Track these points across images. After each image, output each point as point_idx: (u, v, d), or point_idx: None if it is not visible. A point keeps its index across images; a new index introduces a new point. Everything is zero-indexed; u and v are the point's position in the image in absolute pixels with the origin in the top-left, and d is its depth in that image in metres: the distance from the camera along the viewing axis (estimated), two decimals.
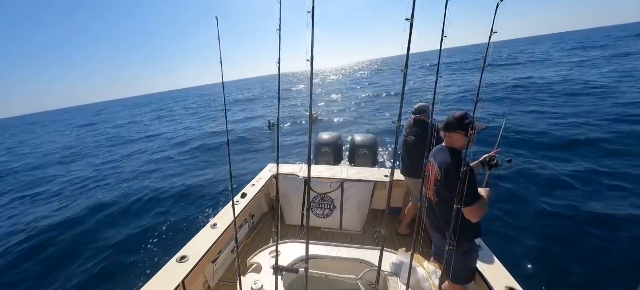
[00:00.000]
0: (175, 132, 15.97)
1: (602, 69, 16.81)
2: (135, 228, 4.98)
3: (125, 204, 6.08)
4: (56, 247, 4.62)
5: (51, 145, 19.25)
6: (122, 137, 17.39)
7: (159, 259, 4.00)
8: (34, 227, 5.37)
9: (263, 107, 23.40)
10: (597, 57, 23.40)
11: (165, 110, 36.86)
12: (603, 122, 7.85)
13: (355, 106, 17.65)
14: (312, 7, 0.82)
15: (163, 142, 13.61)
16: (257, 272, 2.07)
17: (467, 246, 1.84)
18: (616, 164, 5.59)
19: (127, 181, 7.81)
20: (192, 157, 9.69)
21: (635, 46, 27.29)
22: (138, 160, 10.44)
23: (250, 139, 11.19)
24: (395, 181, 3.74)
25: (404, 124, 3.34)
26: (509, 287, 1.88)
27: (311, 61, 0.87)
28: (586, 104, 9.81)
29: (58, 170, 10.67)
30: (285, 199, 3.55)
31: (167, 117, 26.66)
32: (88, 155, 13.04)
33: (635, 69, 14.96)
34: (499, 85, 15.54)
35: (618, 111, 8.52)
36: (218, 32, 1.14)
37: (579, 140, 6.88)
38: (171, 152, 11.11)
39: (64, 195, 7.43)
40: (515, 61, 29.10)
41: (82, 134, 24.05)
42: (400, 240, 3.28)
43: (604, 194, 4.81)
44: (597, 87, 12.00)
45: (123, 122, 28.92)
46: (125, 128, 22.72)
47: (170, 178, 7.65)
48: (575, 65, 20.01)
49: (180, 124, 19.94)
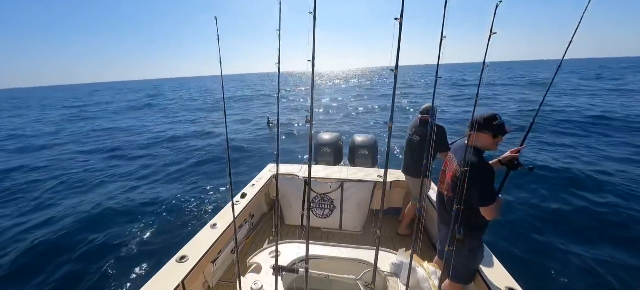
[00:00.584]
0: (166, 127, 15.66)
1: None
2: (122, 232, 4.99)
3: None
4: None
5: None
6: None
7: (158, 259, 4.00)
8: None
9: (263, 105, 23.23)
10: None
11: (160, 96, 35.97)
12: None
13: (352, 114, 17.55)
14: (314, 7, 0.82)
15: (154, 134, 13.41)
16: (257, 272, 2.07)
17: (475, 243, 1.84)
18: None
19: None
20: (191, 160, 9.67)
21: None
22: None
23: (249, 148, 10.33)
24: (395, 181, 3.76)
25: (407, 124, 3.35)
26: (509, 288, 1.88)
27: (312, 61, 0.87)
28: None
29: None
30: (285, 199, 3.55)
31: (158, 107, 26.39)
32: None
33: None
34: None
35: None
36: (217, 32, 1.14)
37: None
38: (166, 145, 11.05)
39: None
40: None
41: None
42: (401, 241, 3.28)
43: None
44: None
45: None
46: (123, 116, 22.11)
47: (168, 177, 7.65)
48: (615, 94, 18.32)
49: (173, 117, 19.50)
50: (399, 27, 0.70)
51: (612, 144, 8.30)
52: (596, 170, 6.20)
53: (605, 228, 4.27)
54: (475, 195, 1.62)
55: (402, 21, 0.70)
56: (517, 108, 14.90)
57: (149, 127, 15.59)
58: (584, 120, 11.12)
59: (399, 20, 0.70)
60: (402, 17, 0.69)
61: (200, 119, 17.56)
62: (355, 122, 14.75)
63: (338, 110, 19.21)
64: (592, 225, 4.35)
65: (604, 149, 7.79)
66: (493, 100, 18.59)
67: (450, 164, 1.88)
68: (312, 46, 0.84)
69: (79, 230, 5.05)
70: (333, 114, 17.79)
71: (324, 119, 16.41)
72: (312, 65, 0.89)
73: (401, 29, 0.71)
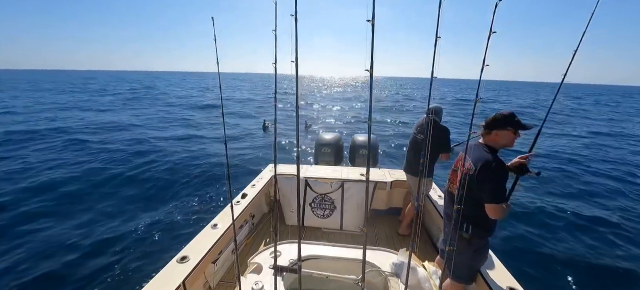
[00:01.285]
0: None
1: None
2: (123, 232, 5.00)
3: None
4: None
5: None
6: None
7: (158, 259, 4.01)
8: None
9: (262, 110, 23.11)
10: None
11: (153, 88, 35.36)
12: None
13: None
14: (294, 10, 0.90)
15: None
16: (257, 272, 2.08)
17: (481, 243, 1.84)
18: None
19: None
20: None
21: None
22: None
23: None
24: (395, 181, 3.74)
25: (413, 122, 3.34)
26: (510, 288, 1.87)
27: (296, 62, 0.94)
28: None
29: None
30: (285, 199, 3.56)
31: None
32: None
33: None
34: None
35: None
36: (214, 33, 1.14)
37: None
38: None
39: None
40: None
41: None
42: (401, 240, 3.28)
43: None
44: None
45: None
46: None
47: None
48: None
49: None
50: (371, 28, 0.78)
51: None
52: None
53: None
54: (489, 191, 1.62)
55: (374, 22, 0.78)
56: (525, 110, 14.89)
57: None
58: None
59: (371, 22, 0.78)
60: (373, 18, 0.77)
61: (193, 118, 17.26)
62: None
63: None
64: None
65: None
66: (500, 103, 18.54)
67: (463, 162, 1.86)
68: (295, 47, 0.91)
69: (79, 230, 5.07)
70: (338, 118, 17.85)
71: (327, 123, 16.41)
72: (296, 66, 0.96)
73: (373, 30, 0.79)
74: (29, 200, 5.80)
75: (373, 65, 0.80)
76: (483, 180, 1.62)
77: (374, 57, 0.80)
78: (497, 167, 1.62)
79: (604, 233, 4.35)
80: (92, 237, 4.88)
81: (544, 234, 4.23)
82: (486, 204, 1.63)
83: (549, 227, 4.47)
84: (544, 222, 4.60)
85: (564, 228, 4.44)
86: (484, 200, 1.64)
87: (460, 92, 43.54)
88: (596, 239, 4.13)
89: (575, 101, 36.81)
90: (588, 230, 4.40)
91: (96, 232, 5.06)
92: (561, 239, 4.18)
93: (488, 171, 1.62)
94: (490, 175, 1.61)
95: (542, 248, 3.93)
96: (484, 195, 1.63)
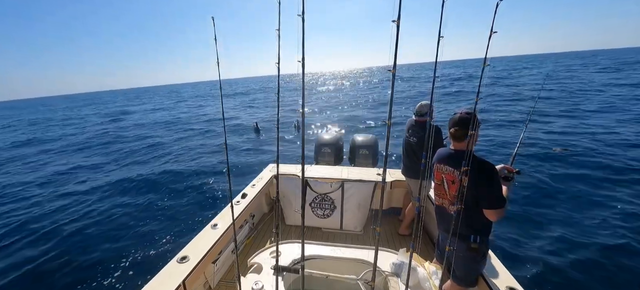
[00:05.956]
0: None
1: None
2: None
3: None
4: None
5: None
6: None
7: (158, 259, 4.01)
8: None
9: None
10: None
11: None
12: None
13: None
14: (302, 10, 0.88)
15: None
16: (258, 272, 2.07)
17: (487, 247, 1.81)
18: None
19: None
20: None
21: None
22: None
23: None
24: (395, 181, 3.74)
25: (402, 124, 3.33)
26: (510, 288, 1.87)
27: (302, 62, 0.93)
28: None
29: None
30: (286, 199, 3.55)
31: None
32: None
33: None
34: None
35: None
36: (214, 33, 1.14)
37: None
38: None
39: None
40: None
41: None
42: (401, 240, 3.28)
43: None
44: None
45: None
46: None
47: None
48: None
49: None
50: (396, 29, 0.72)
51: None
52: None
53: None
54: (489, 197, 1.60)
55: (399, 23, 0.72)
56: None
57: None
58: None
59: (395, 22, 0.72)
60: (399, 19, 0.71)
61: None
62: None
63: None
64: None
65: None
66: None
67: (447, 174, 1.79)
68: (302, 47, 0.89)
69: (78, 231, 5.07)
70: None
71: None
72: (303, 66, 0.95)
73: (398, 30, 0.73)
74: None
75: (396, 65, 0.76)
76: (480, 189, 1.60)
77: (397, 57, 0.75)
78: (492, 169, 1.61)
79: (604, 233, 4.34)
80: (93, 237, 4.89)
81: (538, 234, 4.24)
82: (488, 210, 1.63)
83: (542, 225, 4.47)
84: (537, 220, 4.60)
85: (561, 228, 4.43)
86: (485, 206, 1.63)
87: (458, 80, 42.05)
88: (596, 239, 4.12)
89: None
90: (585, 228, 4.40)
91: (96, 231, 5.06)
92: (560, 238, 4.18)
93: (486, 175, 1.61)
94: (489, 178, 1.59)
95: (540, 248, 3.93)
96: (481, 200, 1.62)
